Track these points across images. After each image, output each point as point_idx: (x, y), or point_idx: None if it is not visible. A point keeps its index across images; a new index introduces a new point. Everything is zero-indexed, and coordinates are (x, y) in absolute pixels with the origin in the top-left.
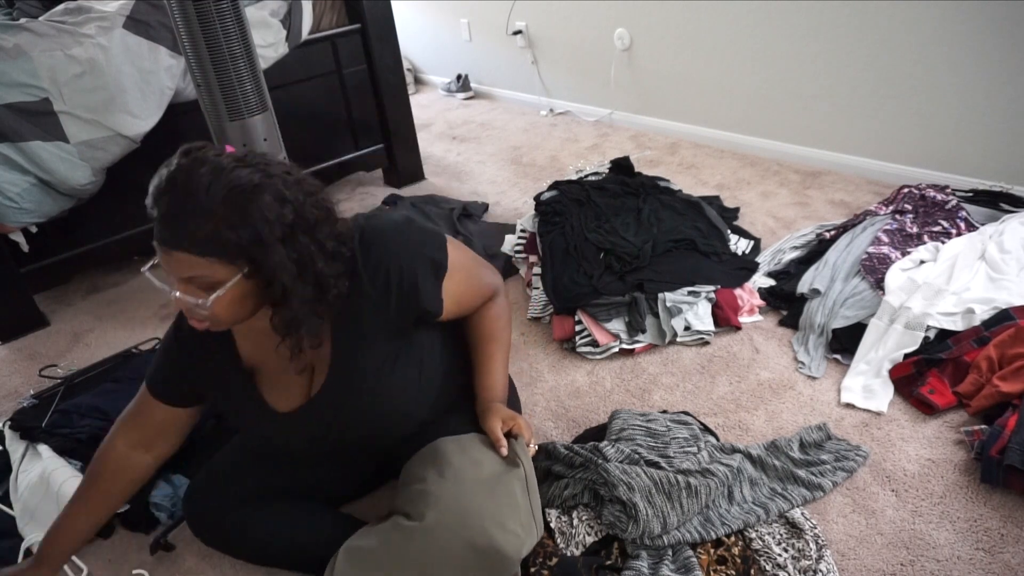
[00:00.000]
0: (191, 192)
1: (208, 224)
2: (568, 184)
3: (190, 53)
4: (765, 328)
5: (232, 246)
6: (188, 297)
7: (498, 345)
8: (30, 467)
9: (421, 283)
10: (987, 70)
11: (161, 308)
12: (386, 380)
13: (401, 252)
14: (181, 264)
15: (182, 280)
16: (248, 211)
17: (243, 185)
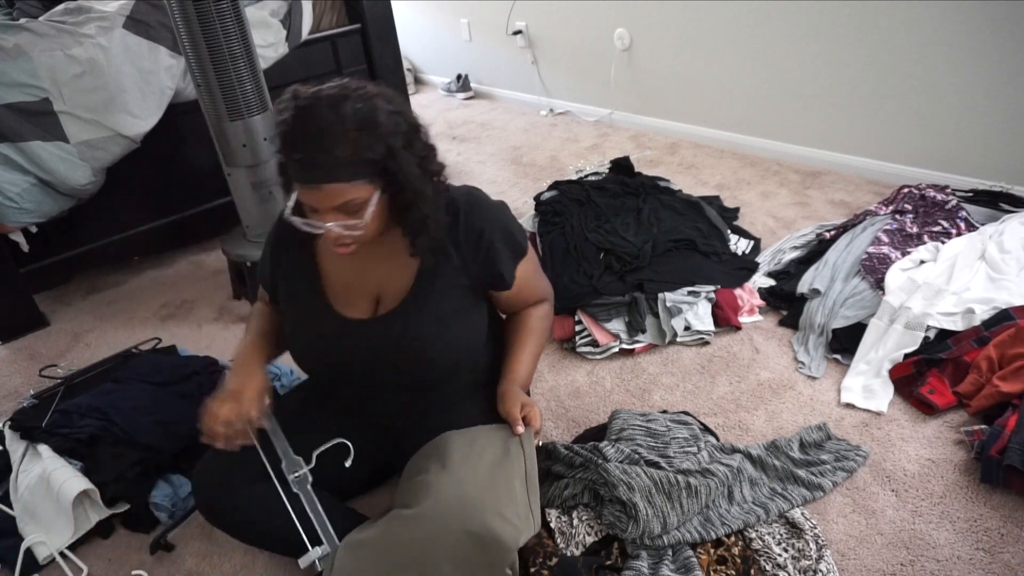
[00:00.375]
0: (326, 127)
1: (349, 150)
2: (568, 184)
3: (190, 53)
4: (765, 328)
5: (371, 164)
6: (341, 224)
7: (535, 339)
8: (30, 467)
9: (503, 253)
10: (987, 70)
11: (161, 308)
12: (451, 323)
13: (496, 223)
14: (332, 195)
15: (332, 210)
16: (377, 128)
17: (364, 107)
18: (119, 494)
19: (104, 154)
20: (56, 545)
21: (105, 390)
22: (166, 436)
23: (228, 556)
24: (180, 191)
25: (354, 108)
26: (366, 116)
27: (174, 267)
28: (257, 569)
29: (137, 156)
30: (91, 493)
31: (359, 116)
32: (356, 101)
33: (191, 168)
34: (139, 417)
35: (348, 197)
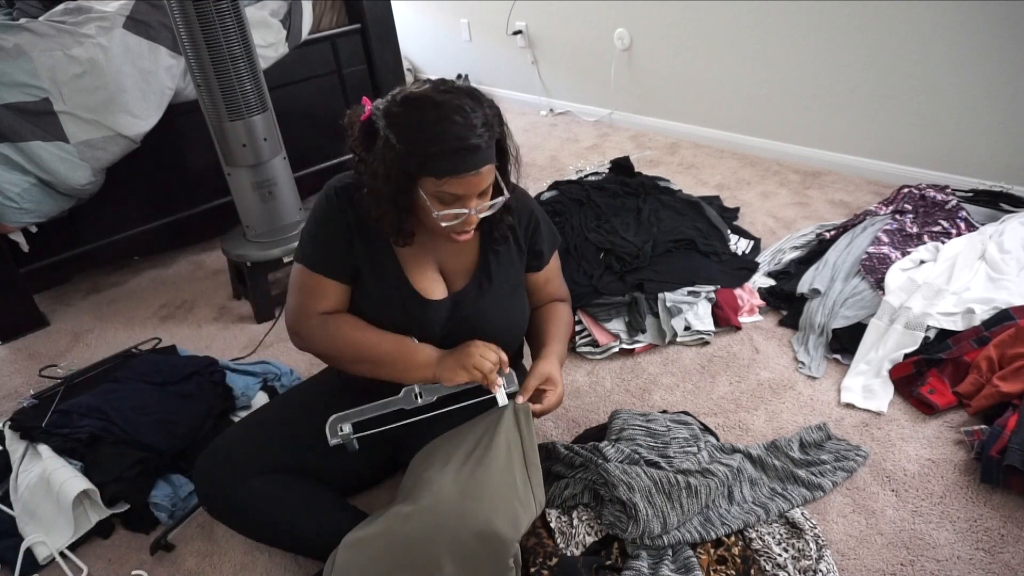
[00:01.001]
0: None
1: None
2: (568, 184)
3: (190, 53)
4: (765, 328)
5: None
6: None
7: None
8: (30, 467)
9: (547, 235)
10: (987, 70)
11: (161, 308)
12: (511, 299)
13: (540, 210)
14: (485, 176)
15: (480, 194)
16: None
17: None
18: (119, 494)
19: (104, 154)
20: (56, 545)
21: (105, 390)
22: (166, 436)
23: (228, 556)
24: (180, 191)
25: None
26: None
27: (174, 267)
28: (257, 570)
29: (137, 156)
30: (91, 493)
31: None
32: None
33: (191, 168)
34: (139, 417)
35: (491, 178)
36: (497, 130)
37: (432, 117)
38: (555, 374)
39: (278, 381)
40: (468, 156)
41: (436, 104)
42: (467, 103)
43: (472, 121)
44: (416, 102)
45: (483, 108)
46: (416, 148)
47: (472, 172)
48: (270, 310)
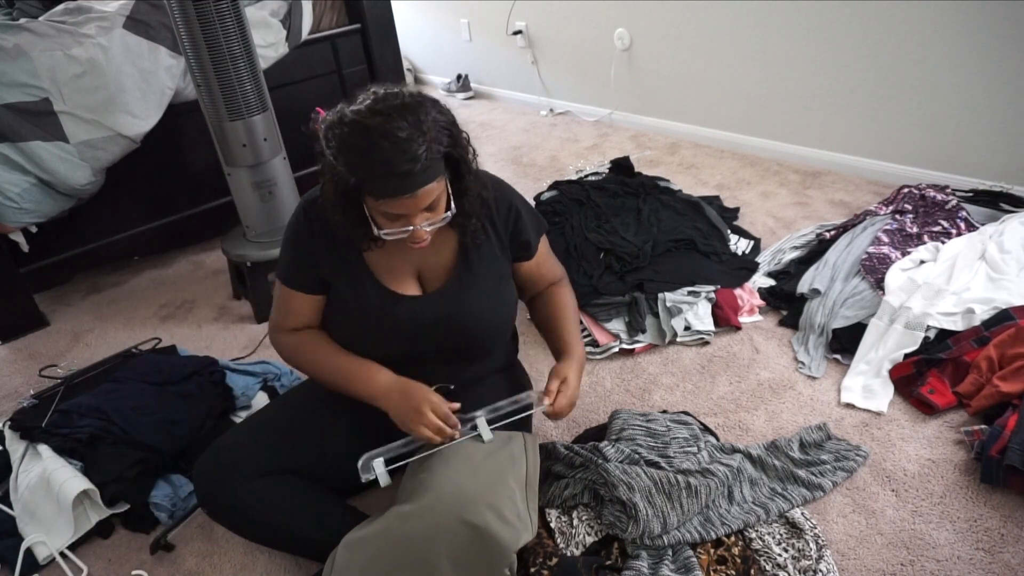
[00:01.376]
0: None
1: (428, 150)
2: (568, 184)
3: (190, 53)
4: (765, 328)
5: (441, 158)
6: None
7: (575, 315)
8: (30, 467)
9: (529, 224)
10: (987, 70)
11: (161, 308)
12: (494, 295)
13: (521, 200)
14: (426, 196)
15: (424, 210)
16: (438, 123)
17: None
18: (119, 494)
19: (104, 154)
20: (56, 545)
21: (105, 390)
22: (166, 436)
23: (228, 556)
24: (180, 191)
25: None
26: (430, 116)
27: (174, 267)
28: (257, 570)
29: (137, 156)
30: (91, 493)
31: (427, 118)
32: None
33: (191, 168)
34: (139, 417)
35: (435, 194)
36: (443, 145)
37: (361, 143)
38: (571, 377)
39: (278, 381)
40: (399, 181)
41: (365, 129)
42: (398, 126)
43: (401, 146)
44: (349, 125)
45: (421, 127)
46: (349, 170)
47: (407, 195)
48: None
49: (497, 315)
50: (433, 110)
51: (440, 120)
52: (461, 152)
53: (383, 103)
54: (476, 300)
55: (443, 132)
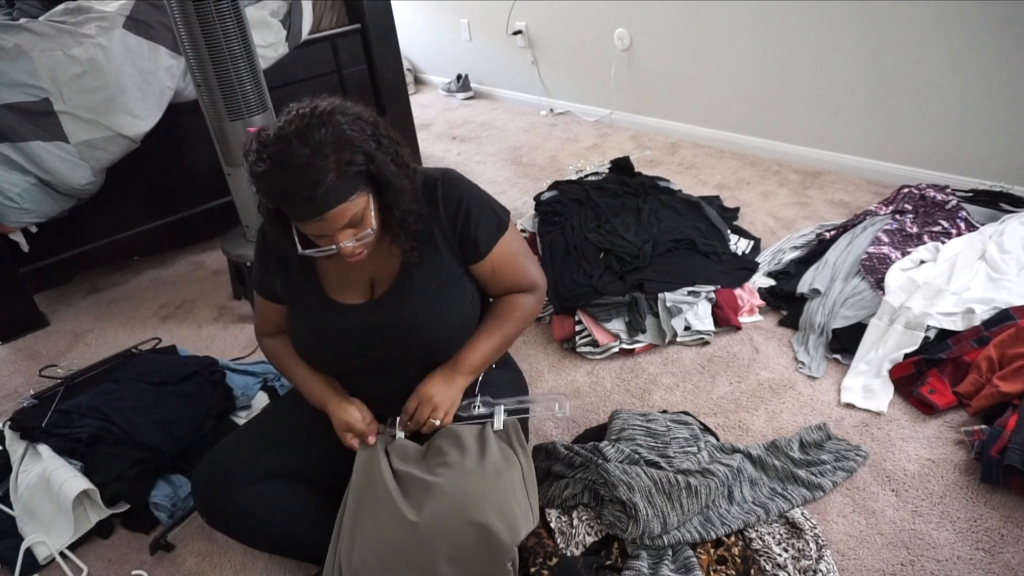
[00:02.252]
0: (307, 163)
1: (335, 174)
2: (568, 184)
3: (190, 53)
4: (765, 328)
5: (357, 175)
6: (354, 238)
7: (500, 326)
8: (30, 467)
9: (483, 222)
10: (987, 70)
11: (161, 308)
12: (440, 298)
13: (475, 197)
14: (338, 217)
15: (341, 229)
16: (350, 142)
17: (330, 127)
18: (119, 494)
19: (104, 154)
20: (56, 545)
21: (105, 390)
22: (166, 436)
23: (228, 556)
24: (180, 191)
25: (322, 132)
26: (336, 135)
27: (174, 267)
28: (257, 569)
29: (137, 156)
30: (91, 493)
31: (331, 138)
32: (321, 124)
33: (191, 168)
34: (139, 417)
35: (351, 213)
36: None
37: (264, 171)
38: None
39: (278, 381)
40: (300, 207)
41: (268, 156)
42: (297, 152)
43: (298, 173)
44: (255, 152)
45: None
46: (261, 196)
47: (317, 218)
48: None
49: (444, 319)
50: (346, 126)
51: (353, 137)
52: (379, 168)
53: (288, 127)
54: (418, 305)
55: (355, 151)
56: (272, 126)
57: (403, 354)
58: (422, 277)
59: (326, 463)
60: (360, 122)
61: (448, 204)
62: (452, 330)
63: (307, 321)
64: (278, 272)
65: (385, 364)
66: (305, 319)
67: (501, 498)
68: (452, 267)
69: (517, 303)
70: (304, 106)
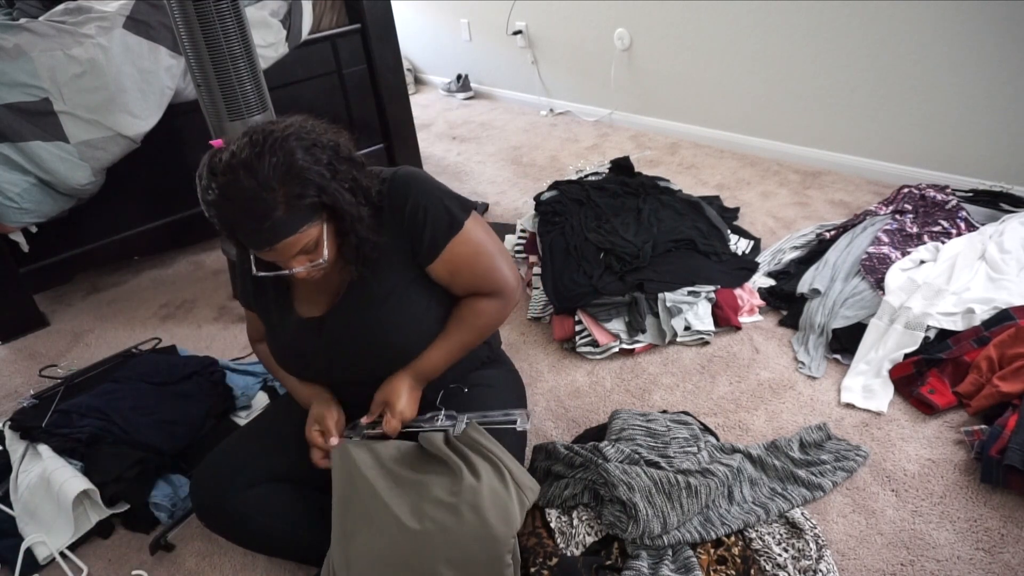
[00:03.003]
0: (253, 197)
1: (283, 208)
2: (568, 184)
3: (190, 53)
4: (765, 328)
5: (309, 207)
6: (306, 265)
7: (458, 334)
8: (30, 467)
9: (431, 222)
10: (987, 70)
11: (161, 308)
12: (394, 305)
13: (425, 192)
14: (288, 248)
15: (293, 257)
16: (301, 174)
17: (281, 156)
18: (119, 494)
19: (104, 154)
20: (56, 545)
21: (105, 390)
22: (166, 436)
23: (228, 556)
24: (180, 191)
25: (271, 163)
26: (286, 166)
27: (174, 267)
28: (257, 570)
29: (137, 156)
30: (91, 493)
31: (280, 170)
32: (271, 154)
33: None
34: (139, 417)
35: (301, 244)
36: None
37: (212, 200)
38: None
39: (278, 381)
40: (249, 238)
41: (217, 188)
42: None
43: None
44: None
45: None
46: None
47: (267, 248)
48: None
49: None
50: (301, 156)
51: (307, 169)
52: (333, 199)
53: (239, 154)
54: (369, 314)
55: (307, 184)
56: (227, 149)
57: (363, 363)
58: (374, 283)
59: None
60: (316, 149)
61: (395, 204)
62: (410, 336)
63: (274, 334)
64: (250, 284)
65: (350, 372)
66: (272, 332)
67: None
68: (404, 272)
69: (478, 309)
70: (259, 130)
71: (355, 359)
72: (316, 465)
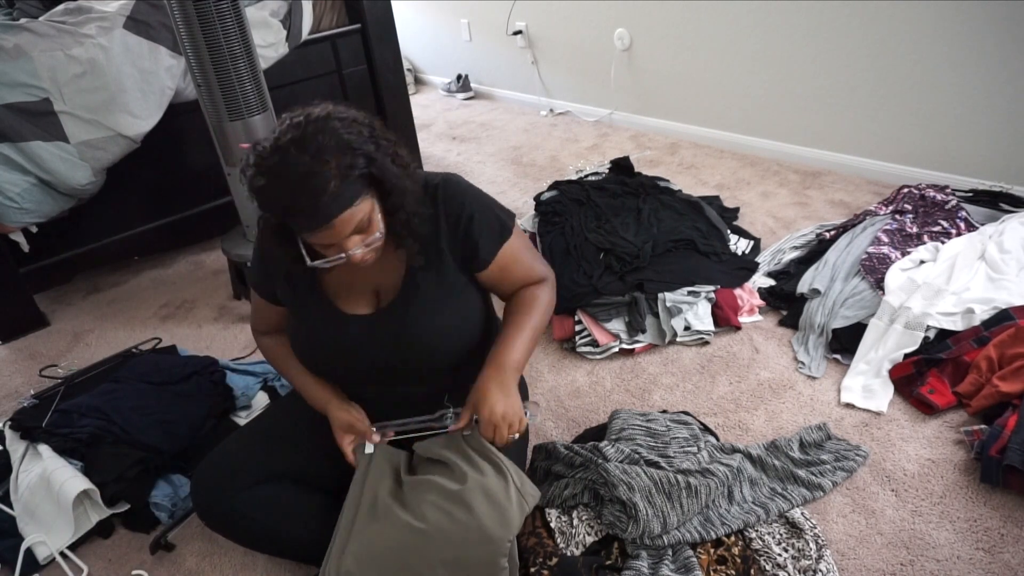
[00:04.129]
0: (308, 172)
1: (338, 180)
2: (568, 184)
3: (190, 53)
4: (765, 328)
5: (360, 179)
6: (363, 244)
7: (527, 319)
8: (30, 467)
9: (486, 230)
10: (987, 70)
11: (161, 308)
12: (444, 307)
13: (478, 203)
14: (345, 224)
15: (348, 236)
16: (349, 146)
17: (327, 134)
18: (119, 494)
19: (104, 154)
20: (56, 545)
21: (105, 390)
22: (166, 436)
23: (228, 556)
24: (180, 191)
25: (320, 140)
26: (335, 139)
27: (174, 267)
28: (257, 569)
29: (137, 156)
30: (91, 493)
31: (330, 143)
32: (317, 132)
33: (191, 168)
34: (139, 417)
35: (357, 218)
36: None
37: (264, 185)
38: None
39: (278, 381)
40: (307, 217)
41: (266, 171)
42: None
43: (301, 183)
44: (253, 167)
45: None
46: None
47: (324, 227)
48: None
49: (451, 328)
50: (343, 130)
51: (352, 141)
52: (381, 170)
53: (283, 137)
54: (425, 314)
55: (356, 154)
56: (266, 139)
57: (408, 363)
58: (428, 286)
59: (326, 464)
60: (357, 125)
61: (450, 211)
62: (459, 339)
63: (310, 330)
64: (279, 278)
65: (389, 374)
66: (308, 328)
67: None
68: (456, 275)
69: (534, 295)
70: (297, 115)
71: (400, 358)
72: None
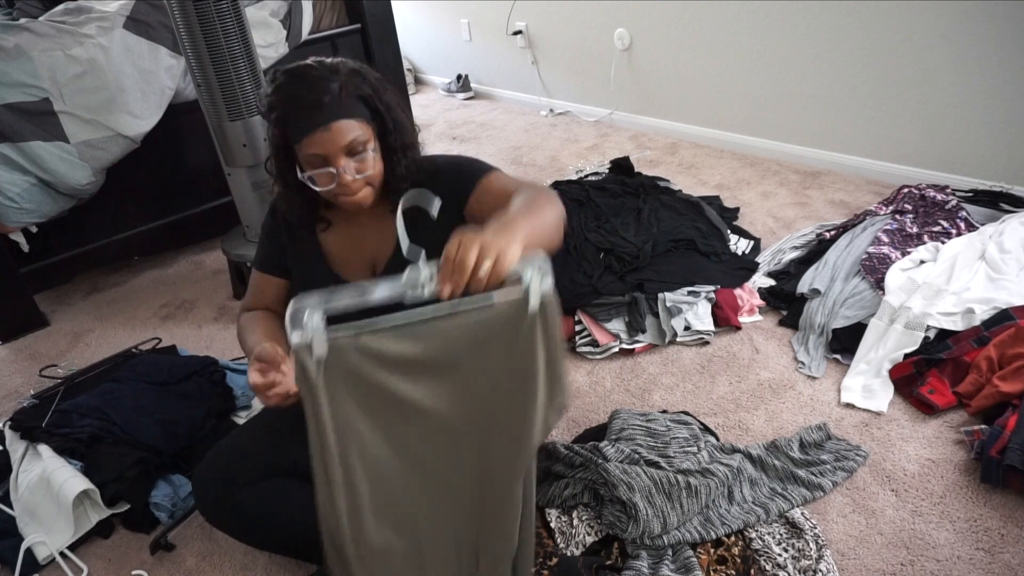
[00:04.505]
0: (319, 75)
1: (344, 90)
2: (568, 184)
3: (190, 53)
4: (765, 328)
5: (364, 102)
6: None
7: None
8: (30, 467)
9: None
10: (987, 70)
11: (161, 308)
12: None
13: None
14: (342, 132)
15: (342, 154)
16: (360, 71)
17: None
18: (119, 494)
19: (104, 154)
20: (56, 545)
21: (105, 390)
22: (166, 436)
23: (229, 556)
24: (180, 191)
25: (335, 64)
26: (349, 68)
27: (174, 267)
28: (258, 569)
29: (137, 156)
30: (91, 493)
31: (344, 68)
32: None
33: (191, 168)
34: (139, 417)
35: (354, 134)
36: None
37: (279, 84)
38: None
39: None
40: (311, 113)
41: (284, 73)
42: (312, 67)
43: (311, 82)
44: (274, 75)
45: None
46: (276, 118)
47: (321, 128)
48: None
49: None
50: (359, 67)
51: (364, 73)
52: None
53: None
54: None
55: (364, 81)
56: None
57: None
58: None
59: None
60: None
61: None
62: None
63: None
64: (288, 245)
65: None
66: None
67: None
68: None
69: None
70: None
71: None
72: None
